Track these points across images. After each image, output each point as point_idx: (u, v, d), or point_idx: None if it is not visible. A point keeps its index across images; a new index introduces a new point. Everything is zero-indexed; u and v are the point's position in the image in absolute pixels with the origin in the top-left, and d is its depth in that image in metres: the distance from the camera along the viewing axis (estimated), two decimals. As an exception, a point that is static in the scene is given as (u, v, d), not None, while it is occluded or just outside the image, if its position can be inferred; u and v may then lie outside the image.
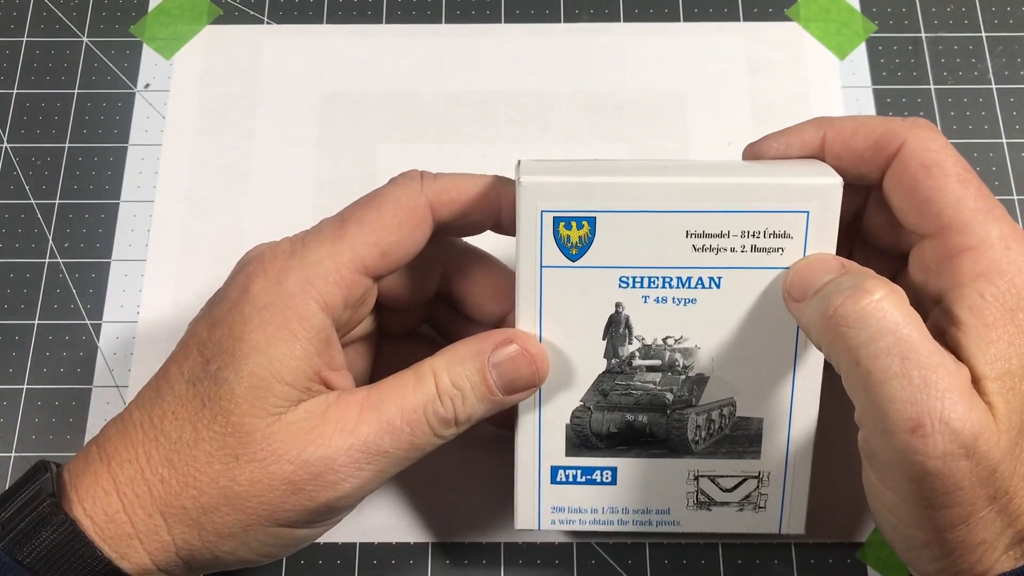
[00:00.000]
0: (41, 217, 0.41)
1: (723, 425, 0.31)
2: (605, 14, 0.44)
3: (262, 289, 0.28)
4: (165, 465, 0.27)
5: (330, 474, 0.27)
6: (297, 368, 0.28)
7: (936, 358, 0.24)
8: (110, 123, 0.43)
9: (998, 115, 0.42)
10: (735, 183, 0.28)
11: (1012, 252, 0.26)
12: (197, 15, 0.44)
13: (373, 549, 0.36)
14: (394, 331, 0.35)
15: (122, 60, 0.44)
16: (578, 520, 0.32)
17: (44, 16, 0.45)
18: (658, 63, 0.43)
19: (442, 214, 0.30)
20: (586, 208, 0.28)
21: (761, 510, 0.31)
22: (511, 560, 0.36)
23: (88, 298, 0.40)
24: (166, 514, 0.27)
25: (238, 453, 0.27)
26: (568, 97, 0.43)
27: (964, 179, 0.27)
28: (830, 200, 0.28)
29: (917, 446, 0.24)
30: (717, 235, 0.28)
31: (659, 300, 0.29)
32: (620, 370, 0.30)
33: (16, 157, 0.42)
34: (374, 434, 0.28)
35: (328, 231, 0.29)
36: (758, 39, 0.44)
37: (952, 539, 0.25)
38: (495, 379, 0.29)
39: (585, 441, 0.31)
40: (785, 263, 0.29)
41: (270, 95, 0.43)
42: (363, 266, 0.29)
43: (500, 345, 0.29)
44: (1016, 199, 0.41)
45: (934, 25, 0.44)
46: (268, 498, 0.27)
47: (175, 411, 0.28)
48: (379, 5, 0.45)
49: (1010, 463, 0.25)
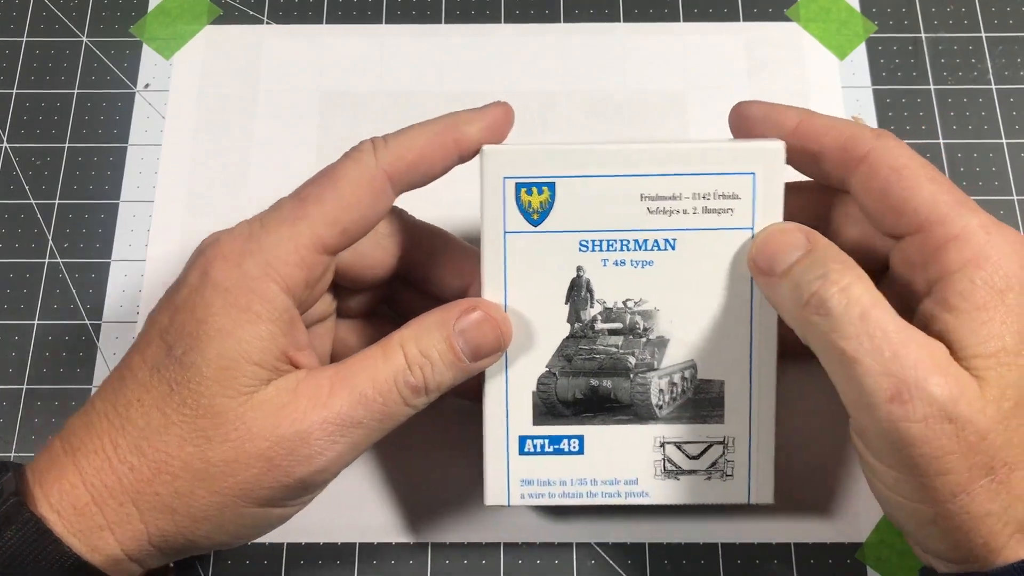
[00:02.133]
0: (41, 217, 0.41)
1: (685, 388, 0.31)
2: (605, 14, 0.44)
3: (222, 273, 0.28)
4: (134, 453, 0.27)
5: (305, 448, 0.27)
6: (264, 348, 0.28)
7: (905, 334, 0.26)
8: (110, 123, 0.43)
9: (998, 115, 0.42)
10: (684, 147, 0.30)
11: (993, 237, 0.27)
12: (197, 15, 0.44)
13: (373, 549, 0.36)
14: (352, 312, 0.35)
15: (122, 60, 0.44)
16: (547, 493, 0.32)
17: (44, 16, 0.45)
18: (658, 63, 0.43)
19: (401, 179, 0.30)
20: (546, 174, 0.30)
21: (728, 478, 0.32)
22: (511, 560, 0.36)
23: (88, 298, 0.40)
24: (138, 502, 0.27)
25: (211, 434, 0.27)
26: (568, 97, 0.43)
27: (934, 178, 0.28)
28: (775, 162, 0.30)
29: (898, 412, 0.26)
30: (670, 197, 0.30)
31: (618, 263, 0.30)
32: (583, 334, 0.31)
33: (16, 157, 0.42)
34: (347, 406, 0.28)
35: (287, 212, 0.29)
36: (758, 39, 0.44)
37: (955, 511, 0.26)
38: (461, 346, 0.29)
39: (552, 408, 0.31)
40: (736, 224, 0.30)
41: (270, 95, 0.43)
42: (323, 245, 0.29)
43: (464, 313, 0.29)
44: (1016, 199, 0.41)
45: (934, 25, 0.44)
46: (244, 477, 0.27)
47: (140, 398, 0.28)
48: (379, 5, 0.45)
49: (1004, 433, 0.26)
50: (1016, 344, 0.26)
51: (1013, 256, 0.27)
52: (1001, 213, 0.41)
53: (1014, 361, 0.26)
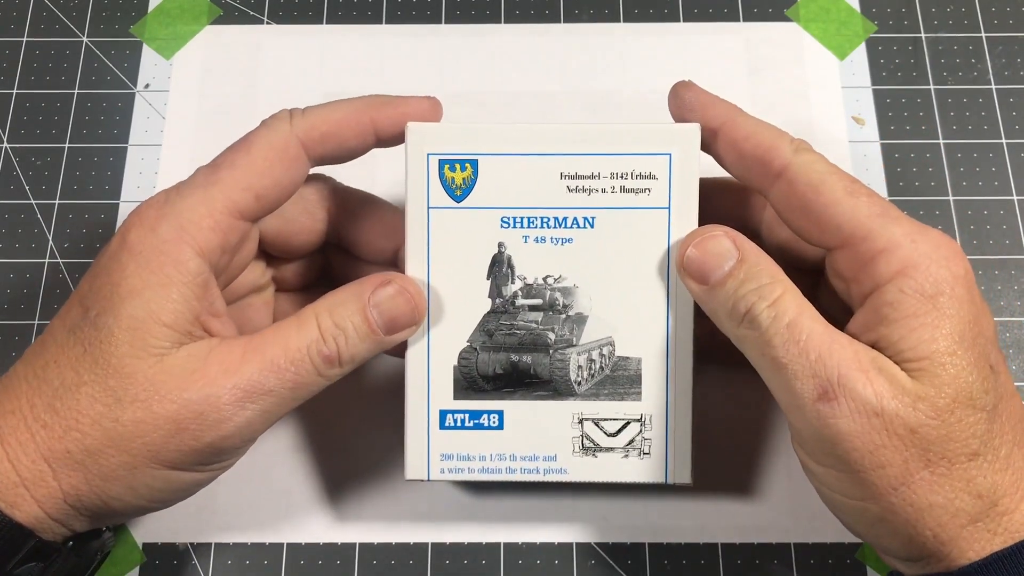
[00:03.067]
0: (41, 217, 0.41)
1: (604, 365, 0.32)
2: (605, 14, 0.44)
3: (137, 238, 0.28)
4: (48, 411, 0.28)
5: (214, 412, 0.28)
6: (175, 311, 0.28)
7: (830, 337, 0.27)
8: (110, 123, 0.43)
9: (998, 115, 0.42)
10: (602, 128, 0.31)
11: (920, 245, 0.28)
12: (197, 15, 0.44)
13: (373, 549, 0.36)
14: (290, 285, 0.36)
15: (122, 60, 0.44)
16: (467, 469, 0.32)
17: (44, 16, 0.45)
18: (658, 63, 0.43)
19: (316, 150, 0.30)
20: (468, 151, 0.31)
21: (646, 456, 0.32)
22: (511, 560, 0.36)
23: (88, 298, 0.40)
24: (50, 459, 0.27)
25: (120, 395, 0.27)
26: (568, 97, 0.43)
27: (852, 190, 0.29)
28: (690, 143, 0.31)
29: (825, 411, 0.27)
30: (588, 176, 0.31)
31: (538, 240, 0.31)
32: (504, 309, 0.32)
33: (16, 157, 0.42)
34: (257, 373, 0.28)
35: (200, 178, 0.29)
36: (758, 39, 0.44)
37: (898, 504, 0.27)
38: (376, 318, 0.30)
39: (472, 383, 0.32)
40: (653, 203, 0.31)
41: (270, 95, 0.43)
42: (237, 210, 0.29)
43: (380, 286, 0.30)
44: (1016, 199, 0.41)
45: (934, 25, 0.44)
46: (152, 438, 0.27)
47: (56, 359, 0.28)
48: (379, 5, 0.45)
49: (939, 427, 0.26)
50: (950, 345, 0.27)
51: (941, 260, 0.27)
52: (1001, 213, 0.41)
53: (949, 360, 0.27)
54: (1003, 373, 0.28)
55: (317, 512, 0.37)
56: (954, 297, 0.27)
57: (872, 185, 0.40)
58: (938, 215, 0.41)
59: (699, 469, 0.32)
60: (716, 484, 0.37)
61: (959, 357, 0.27)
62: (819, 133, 0.42)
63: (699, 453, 0.32)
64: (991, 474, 0.27)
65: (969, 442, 0.27)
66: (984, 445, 0.27)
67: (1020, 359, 0.39)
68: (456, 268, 0.31)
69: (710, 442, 0.36)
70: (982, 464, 0.27)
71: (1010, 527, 0.27)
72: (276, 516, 0.36)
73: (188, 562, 0.36)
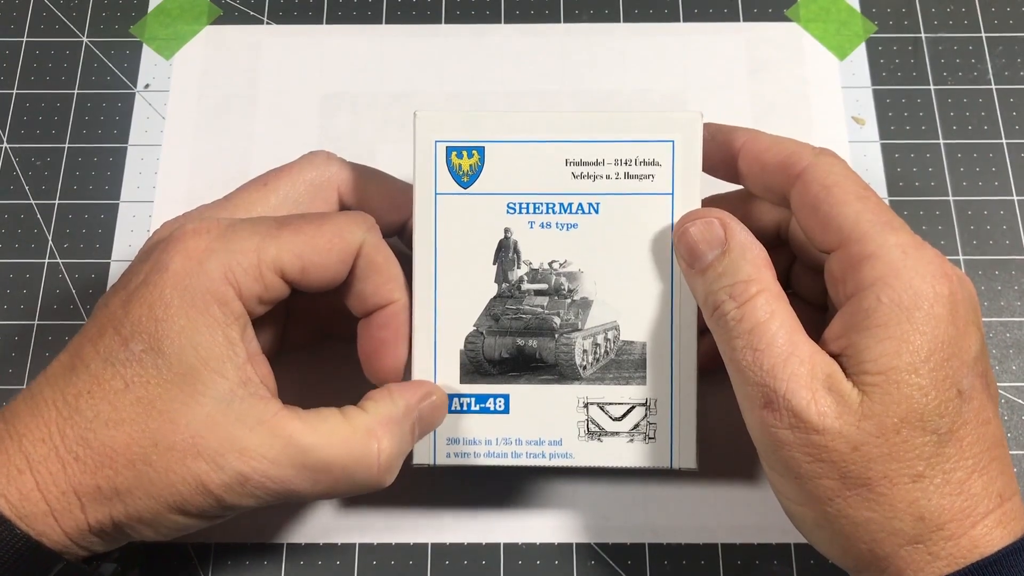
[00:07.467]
0: (41, 217, 0.41)
1: (608, 349, 0.32)
2: (605, 14, 0.44)
3: (183, 269, 0.28)
4: (80, 444, 0.27)
5: (240, 487, 0.28)
6: (223, 356, 0.28)
7: (787, 350, 0.28)
8: (110, 123, 0.43)
9: (998, 115, 0.42)
10: (606, 115, 0.32)
11: (909, 257, 0.28)
12: (197, 15, 0.44)
13: (373, 549, 0.36)
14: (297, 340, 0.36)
15: (122, 60, 0.44)
16: (473, 453, 0.32)
17: (44, 16, 0.45)
18: (658, 63, 0.43)
19: (367, 269, 0.31)
20: (475, 138, 0.32)
21: (651, 441, 0.32)
22: (511, 560, 0.36)
23: (88, 298, 0.40)
24: (80, 493, 0.27)
25: (157, 440, 0.27)
26: (568, 97, 0.43)
27: (862, 196, 0.29)
28: (692, 131, 0.32)
29: (769, 419, 0.27)
30: (593, 163, 0.32)
31: (544, 225, 0.32)
32: (510, 294, 0.32)
33: (16, 157, 0.42)
34: (296, 477, 0.28)
35: (263, 227, 0.29)
36: (758, 39, 0.44)
37: (834, 514, 0.27)
38: (417, 433, 0.31)
39: (478, 367, 0.32)
40: (657, 189, 0.32)
41: (270, 95, 0.43)
42: (282, 271, 0.29)
43: (425, 397, 0.31)
44: (1016, 199, 0.41)
45: (934, 25, 0.44)
46: (178, 490, 0.27)
47: (91, 390, 0.27)
48: (379, 5, 0.45)
49: (882, 446, 0.26)
50: (913, 362, 0.27)
51: (927, 276, 0.27)
52: (1001, 213, 0.41)
53: (905, 379, 0.27)
54: (976, 399, 0.27)
55: (317, 512, 0.37)
56: (931, 315, 0.27)
57: (872, 185, 0.40)
58: (938, 215, 0.41)
59: (702, 460, 0.32)
60: (716, 484, 0.37)
61: (920, 376, 0.27)
62: (819, 133, 0.42)
63: (700, 450, 0.32)
64: (937, 497, 0.26)
65: (914, 463, 0.26)
66: (931, 468, 0.26)
67: (1020, 359, 0.39)
68: (463, 253, 0.32)
69: (710, 442, 0.36)
70: (927, 486, 0.26)
71: (955, 552, 0.26)
72: (276, 516, 0.36)
73: (188, 562, 0.36)
